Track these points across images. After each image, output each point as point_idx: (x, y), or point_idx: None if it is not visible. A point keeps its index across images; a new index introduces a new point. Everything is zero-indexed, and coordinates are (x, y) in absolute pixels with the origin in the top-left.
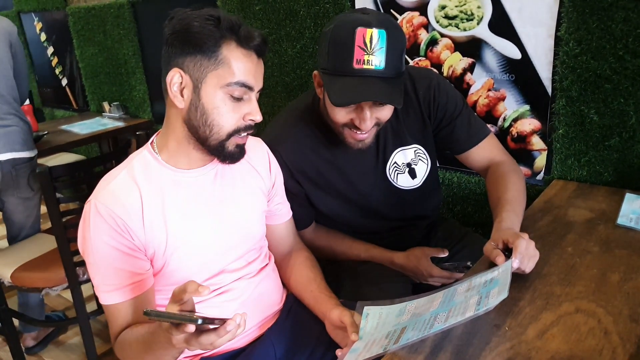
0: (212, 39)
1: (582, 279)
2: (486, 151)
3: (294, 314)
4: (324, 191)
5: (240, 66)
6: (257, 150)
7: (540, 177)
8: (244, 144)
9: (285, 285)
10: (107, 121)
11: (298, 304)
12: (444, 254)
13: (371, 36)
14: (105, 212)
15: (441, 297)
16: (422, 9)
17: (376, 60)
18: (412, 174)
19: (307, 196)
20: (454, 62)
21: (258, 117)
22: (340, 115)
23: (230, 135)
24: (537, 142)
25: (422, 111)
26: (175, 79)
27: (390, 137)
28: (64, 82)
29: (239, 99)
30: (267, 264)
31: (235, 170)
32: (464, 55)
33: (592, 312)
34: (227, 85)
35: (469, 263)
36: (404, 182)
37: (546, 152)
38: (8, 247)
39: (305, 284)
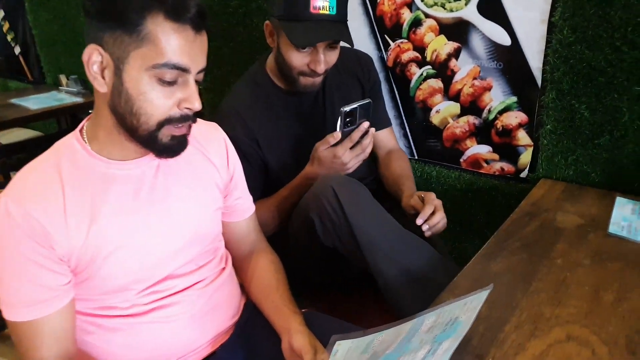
0: (133, 9)
1: (573, 298)
2: (390, 136)
3: (251, 328)
4: (279, 151)
5: (170, 44)
6: (212, 137)
7: (524, 174)
8: (183, 135)
9: (244, 290)
10: (64, 96)
11: (256, 315)
12: (335, 139)
13: None
14: (18, 214)
15: (409, 326)
16: None
17: (329, 6)
18: None
19: (262, 161)
20: (439, 46)
21: (196, 105)
22: (297, 59)
23: (161, 125)
24: (523, 137)
25: (362, 77)
26: (93, 57)
27: (336, 97)
28: (17, 50)
29: (171, 83)
30: (223, 269)
31: (184, 162)
32: (449, 39)
33: (585, 340)
34: (154, 67)
35: (347, 107)
36: None
37: (532, 148)
38: None
39: (266, 292)
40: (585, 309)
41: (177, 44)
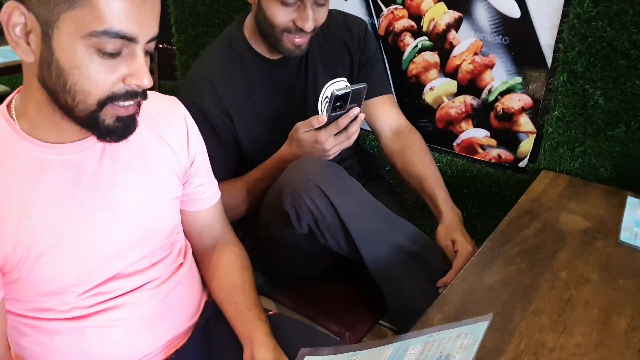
0: None
1: (581, 323)
2: (393, 108)
3: (212, 331)
4: (253, 125)
5: (112, 6)
6: (170, 115)
7: (523, 164)
8: (131, 116)
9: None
10: None
11: (218, 316)
12: (320, 122)
13: None
14: None
15: (390, 351)
16: None
17: None
18: None
19: (234, 136)
20: (437, 15)
21: (145, 82)
22: (282, 16)
23: (102, 104)
24: (525, 123)
25: (351, 46)
26: (14, 18)
27: (320, 69)
28: None
29: (114, 55)
30: (181, 264)
31: (135, 144)
32: (449, 8)
33: None
34: (92, 35)
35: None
36: None
37: (534, 135)
38: None
39: (229, 292)
40: (595, 338)
41: (120, 7)
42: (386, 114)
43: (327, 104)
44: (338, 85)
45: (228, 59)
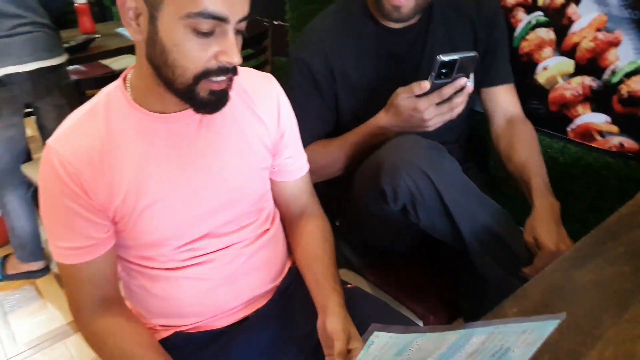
0: None
1: None
2: (511, 97)
3: (292, 295)
4: (356, 92)
5: None
6: (264, 91)
7: None
8: (223, 90)
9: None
10: None
11: (300, 282)
12: (422, 89)
13: None
14: (58, 160)
15: (454, 337)
16: None
17: None
18: None
19: (335, 96)
20: None
21: (235, 59)
22: None
23: (198, 79)
24: None
25: (478, 24)
26: (128, 2)
27: (439, 44)
28: None
29: (207, 34)
30: (267, 230)
31: (229, 116)
32: None
33: None
34: (188, 16)
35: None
36: None
37: None
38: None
39: (310, 260)
40: None
41: None
42: (505, 103)
43: (433, 70)
44: None
45: (343, 21)
